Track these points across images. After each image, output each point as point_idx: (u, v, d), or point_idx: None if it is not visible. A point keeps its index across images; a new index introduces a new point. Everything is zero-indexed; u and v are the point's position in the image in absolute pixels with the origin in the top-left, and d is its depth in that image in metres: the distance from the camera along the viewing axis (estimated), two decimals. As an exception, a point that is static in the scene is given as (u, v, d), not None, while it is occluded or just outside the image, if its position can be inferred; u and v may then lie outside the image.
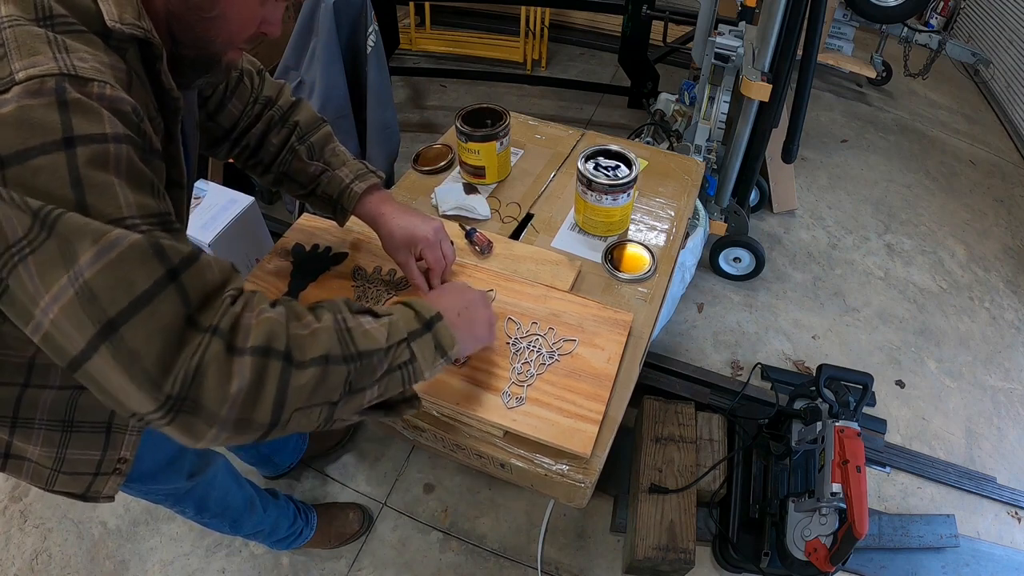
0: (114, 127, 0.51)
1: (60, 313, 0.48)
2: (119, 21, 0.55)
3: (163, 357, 0.49)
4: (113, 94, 0.52)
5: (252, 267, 1.12)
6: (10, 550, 1.55)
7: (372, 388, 0.64)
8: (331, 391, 0.59)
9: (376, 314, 0.67)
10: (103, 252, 0.48)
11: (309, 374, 0.56)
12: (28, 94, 0.48)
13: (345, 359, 0.59)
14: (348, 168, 0.97)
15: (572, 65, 3.46)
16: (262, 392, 0.53)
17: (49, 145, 0.48)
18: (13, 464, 0.77)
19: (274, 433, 0.56)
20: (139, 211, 0.51)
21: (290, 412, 0.55)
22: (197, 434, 0.52)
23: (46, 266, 0.48)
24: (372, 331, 0.64)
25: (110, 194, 0.50)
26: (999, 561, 1.58)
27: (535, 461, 0.88)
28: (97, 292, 0.48)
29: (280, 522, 1.37)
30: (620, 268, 1.14)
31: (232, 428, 0.53)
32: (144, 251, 0.50)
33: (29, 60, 0.49)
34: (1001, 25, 3.34)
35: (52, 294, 0.48)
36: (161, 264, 0.50)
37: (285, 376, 0.54)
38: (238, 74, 0.92)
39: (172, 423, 0.51)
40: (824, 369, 1.43)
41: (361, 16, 1.87)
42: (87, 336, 0.48)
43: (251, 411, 0.53)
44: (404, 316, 0.70)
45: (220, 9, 0.61)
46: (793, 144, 1.74)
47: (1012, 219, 2.64)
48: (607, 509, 1.61)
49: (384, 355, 0.64)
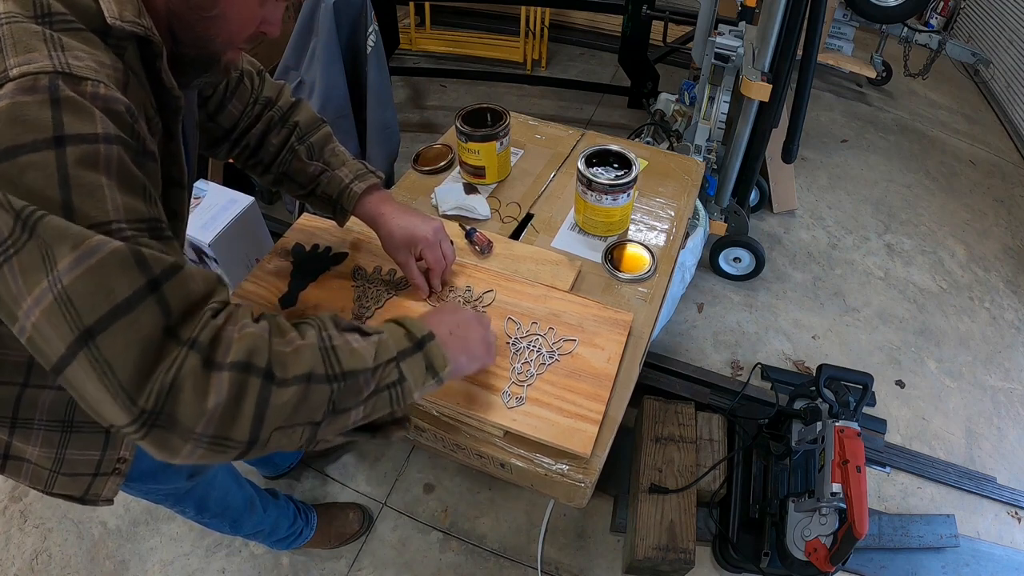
0: (106, 127, 0.50)
1: (41, 316, 0.47)
2: (119, 18, 0.55)
3: (139, 369, 0.48)
4: (107, 93, 0.51)
5: (252, 267, 1.12)
6: (10, 550, 1.55)
7: (357, 409, 0.62)
8: (313, 411, 0.57)
9: (365, 332, 0.65)
10: (83, 258, 0.47)
11: (290, 392, 0.54)
12: (21, 90, 0.48)
13: (329, 378, 0.58)
14: (348, 168, 0.97)
15: (572, 65, 3.46)
16: (240, 409, 0.51)
17: (40, 143, 0.47)
18: (12, 465, 0.77)
19: (253, 452, 0.54)
20: (127, 215, 0.50)
21: (269, 431, 0.54)
22: (172, 449, 0.51)
23: (28, 269, 0.47)
24: (359, 350, 0.62)
25: (98, 196, 0.49)
26: (999, 561, 1.58)
27: (535, 461, 0.88)
28: (75, 299, 0.47)
29: (280, 522, 1.37)
30: (620, 268, 1.14)
31: (208, 445, 0.51)
32: (125, 259, 0.49)
33: (24, 57, 0.49)
34: (1001, 25, 3.34)
35: (34, 297, 0.47)
36: (142, 273, 0.49)
37: (265, 393, 0.53)
38: (238, 75, 0.92)
39: (146, 437, 0.50)
40: (824, 369, 1.43)
41: (361, 16, 1.87)
42: (66, 342, 0.47)
43: (228, 428, 0.51)
44: (394, 335, 0.67)
45: (220, 8, 0.61)
46: (793, 144, 1.74)
47: (1012, 219, 2.64)
48: (607, 509, 1.61)
49: (371, 375, 0.62)
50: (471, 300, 1.02)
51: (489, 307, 1.01)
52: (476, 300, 1.02)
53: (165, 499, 1.07)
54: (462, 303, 1.01)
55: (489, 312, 1.00)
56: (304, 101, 1.00)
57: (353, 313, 1.00)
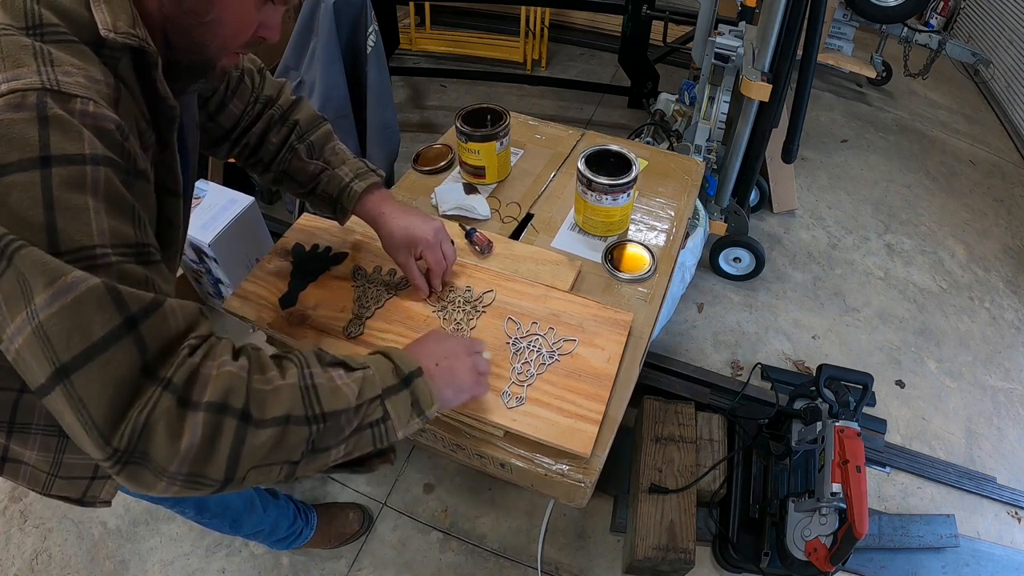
0: (94, 148, 0.49)
1: (23, 344, 0.48)
2: (113, 30, 0.54)
3: (113, 408, 0.48)
4: (97, 111, 0.50)
5: (252, 267, 1.12)
6: (10, 550, 1.55)
7: (338, 448, 0.61)
8: (291, 451, 0.56)
9: (350, 367, 0.64)
10: (58, 295, 0.46)
11: (267, 434, 0.54)
12: (9, 108, 0.47)
13: (308, 419, 0.57)
14: (348, 167, 0.97)
15: (572, 65, 3.46)
16: (215, 449, 0.51)
17: (25, 162, 0.47)
18: (10, 468, 0.77)
19: (230, 488, 0.54)
20: (112, 239, 0.50)
21: (245, 470, 0.53)
22: (146, 485, 0.51)
23: (8, 297, 0.47)
24: (341, 388, 0.61)
25: (83, 219, 0.48)
26: (999, 561, 1.58)
27: (535, 461, 0.88)
28: (51, 335, 0.47)
29: (280, 522, 1.37)
30: (620, 268, 1.14)
31: (183, 482, 0.51)
32: (101, 297, 0.48)
33: (13, 72, 0.48)
34: (1001, 25, 3.34)
35: (15, 325, 0.47)
36: (119, 312, 0.48)
37: (241, 434, 0.52)
38: (239, 73, 0.92)
39: (120, 473, 0.50)
40: (824, 369, 1.43)
41: (361, 16, 1.87)
42: (45, 374, 0.48)
43: (203, 467, 0.51)
44: (381, 370, 0.66)
45: (215, 13, 0.60)
46: (793, 144, 1.74)
47: (1012, 219, 2.64)
48: (607, 509, 1.61)
49: (353, 414, 0.61)
50: (471, 300, 1.02)
51: (489, 307, 1.01)
52: (476, 300, 1.02)
53: (165, 499, 1.07)
54: (462, 303, 1.01)
55: (489, 312, 1.00)
56: (304, 99, 1.00)
57: (353, 313, 1.00)
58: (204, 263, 1.60)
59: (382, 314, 1.00)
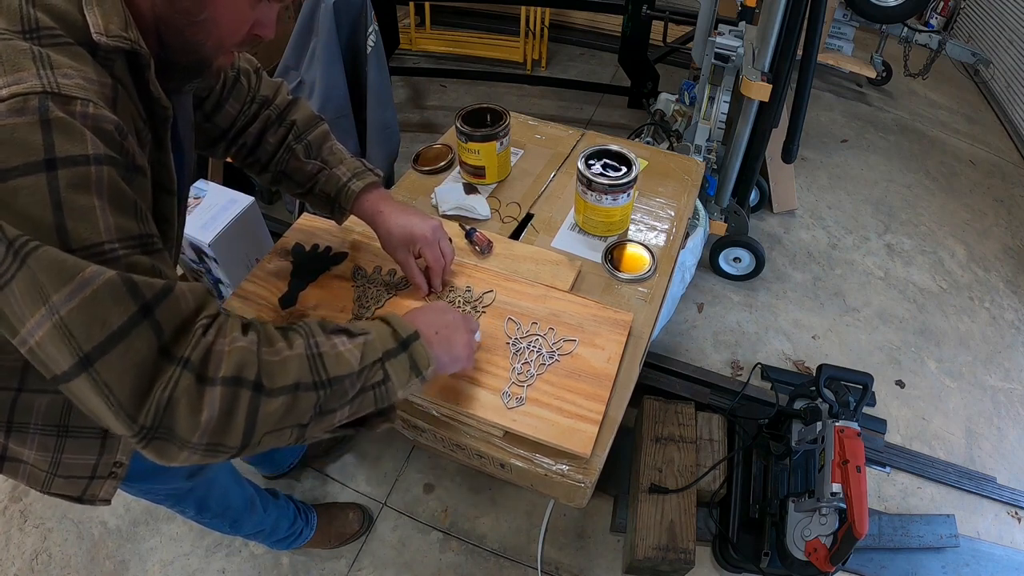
0: (96, 148, 0.51)
1: (43, 337, 0.50)
2: (105, 34, 0.54)
3: (137, 390, 0.51)
4: (96, 112, 0.51)
5: (252, 267, 1.12)
6: (10, 550, 1.55)
7: (343, 409, 0.65)
8: (301, 415, 0.60)
9: (352, 333, 0.67)
10: (77, 291, 0.49)
11: (279, 402, 0.57)
12: (11, 112, 0.48)
13: (316, 385, 0.60)
14: (346, 166, 0.97)
15: (572, 65, 3.46)
16: (233, 420, 0.55)
17: (31, 166, 0.48)
18: (9, 466, 0.77)
19: (245, 453, 0.58)
20: (118, 235, 0.52)
21: (260, 435, 0.57)
22: (170, 457, 0.54)
23: (26, 295, 0.49)
24: (345, 354, 0.64)
25: (91, 218, 0.50)
26: (999, 561, 1.58)
27: (535, 461, 0.88)
28: (72, 328, 0.49)
29: (280, 522, 1.37)
30: (620, 268, 1.14)
31: (203, 452, 0.55)
32: (117, 288, 0.50)
33: (13, 76, 0.49)
34: (1001, 25, 3.34)
35: (35, 320, 0.49)
36: (134, 301, 0.51)
37: (255, 404, 0.56)
38: (235, 74, 0.92)
39: (147, 447, 0.54)
40: (824, 369, 1.43)
41: (361, 16, 1.87)
42: (68, 363, 0.50)
43: (222, 436, 0.55)
44: (380, 334, 0.69)
45: (209, 12, 0.59)
46: (793, 144, 1.74)
47: (1012, 219, 2.64)
48: (607, 509, 1.61)
49: (356, 377, 0.64)
50: (471, 300, 1.02)
51: (489, 307, 1.01)
52: (476, 300, 1.02)
53: (165, 499, 1.07)
54: (462, 303, 1.01)
55: (489, 312, 1.00)
56: (302, 99, 1.00)
57: (353, 313, 1.00)
58: (204, 263, 1.60)
59: (382, 314, 1.00)
